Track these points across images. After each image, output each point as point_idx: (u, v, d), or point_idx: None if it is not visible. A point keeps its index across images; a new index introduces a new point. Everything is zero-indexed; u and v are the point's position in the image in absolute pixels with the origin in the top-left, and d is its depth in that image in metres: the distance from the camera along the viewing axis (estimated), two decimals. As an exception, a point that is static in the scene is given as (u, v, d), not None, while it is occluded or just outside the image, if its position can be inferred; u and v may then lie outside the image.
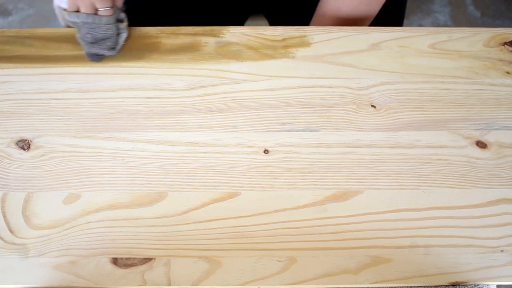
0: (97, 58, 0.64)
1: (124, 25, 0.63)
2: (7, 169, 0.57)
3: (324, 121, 0.61)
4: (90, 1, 0.60)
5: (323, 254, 0.53)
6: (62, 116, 0.60)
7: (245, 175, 0.57)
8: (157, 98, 0.62)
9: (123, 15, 0.63)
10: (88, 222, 0.54)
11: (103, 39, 0.62)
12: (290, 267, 0.53)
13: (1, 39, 0.66)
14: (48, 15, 1.52)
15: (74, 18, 0.62)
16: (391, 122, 0.61)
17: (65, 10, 0.62)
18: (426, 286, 0.52)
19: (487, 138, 0.60)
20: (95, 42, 0.62)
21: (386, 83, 0.63)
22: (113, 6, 0.62)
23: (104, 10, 0.61)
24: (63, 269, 0.52)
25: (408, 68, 0.64)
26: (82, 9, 0.61)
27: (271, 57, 0.65)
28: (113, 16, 0.62)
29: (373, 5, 0.70)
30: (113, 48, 0.63)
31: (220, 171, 0.57)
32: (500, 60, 0.65)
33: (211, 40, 0.66)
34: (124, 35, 0.64)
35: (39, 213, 0.55)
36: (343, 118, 0.61)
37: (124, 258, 0.53)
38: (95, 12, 0.61)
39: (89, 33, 0.62)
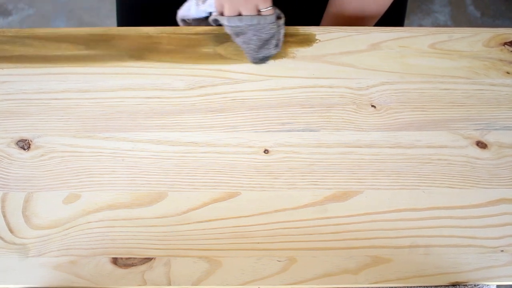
0: (264, 60, 0.63)
1: (282, 20, 0.62)
2: (7, 169, 0.57)
3: (324, 121, 0.61)
4: (253, 3, 0.59)
5: (323, 254, 0.53)
6: (62, 116, 0.60)
7: (245, 175, 0.57)
8: (157, 98, 0.62)
9: (279, 12, 0.62)
10: (88, 222, 0.54)
11: (268, 39, 0.61)
12: (290, 267, 0.53)
13: (1, 39, 0.66)
14: (48, 15, 1.52)
15: (236, 23, 0.60)
16: (391, 122, 0.61)
17: (221, 14, 0.61)
18: (426, 286, 0.52)
19: (487, 138, 0.60)
20: (262, 44, 0.61)
21: (386, 83, 0.63)
22: (273, 4, 0.60)
23: (266, 9, 0.60)
24: (63, 269, 0.52)
25: (408, 68, 0.64)
26: (245, 12, 0.60)
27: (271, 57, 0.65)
28: (275, 14, 0.61)
29: (381, 3, 0.70)
30: (277, 45, 0.63)
31: (220, 171, 0.57)
32: (500, 60, 0.65)
33: (211, 40, 0.66)
34: (283, 31, 0.63)
35: (39, 213, 0.55)
36: (343, 118, 0.61)
37: (124, 258, 0.53)
38: (258, 13, 0.60)
39: (255, 35, 0.60)
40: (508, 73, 0.64)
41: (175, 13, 0.77)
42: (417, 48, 0.66)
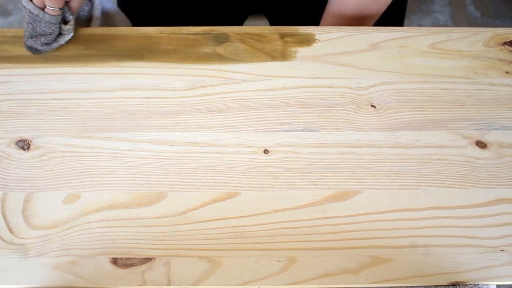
0: (32, 51, 0.64)
1: (68, 27, 0.63)
2: (7, 169, 0.57)
3: (324, 121, 0.61)
4: None
5: (323, 254, 0.53)
6: (62, 116, 0.61)
7: (245, 175, 0.57)
8: (157, 98, 0.62)
9: (70, 17, 0.63)
10: (88, 222, 0.54)
11: (41, 35, 0.63)
12: (290, 267, 0.53)
13: (1, 39, 0.66)
14: (48, 15, 1.52)
15: (24, 3, 0.61)
16: (391, 122, 0.61)
17: None
18: (426, 286, 0.52)
19: (487, 138, 0.60)
20: (34, 35, 0.62)
21: (386, 83, 0.63)
22: (62, 8, 0.62)
23: (51, 9, 0.61)
24: (63, 269, 0.52)
25: (408, 68, 0.64)
26: (35, 1, 0.61)
27: (271, 57, 0.65)
28: (57, 17, 0.62)
29: (380, 3, 0.70)
30: (47, 44, 0.64)
31: (220, 171, 0.57)
32: (500, 60, 0.65)
33: (211, 40, 0.66)
34: (67, 37, 0.64)
35: (39, 213, 0.55)
36: (343, 118, 0.61)
37: (124, 258, 0.53)
38: (43, 7, 0.61)
39: (30, 24, 0.62)
40: (507, 72, 0.64)
41: (175, 14, 0.77)
42: (417, 48, 0.66)
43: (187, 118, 0.61)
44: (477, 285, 0.52)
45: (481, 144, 0.60)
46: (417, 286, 0.52)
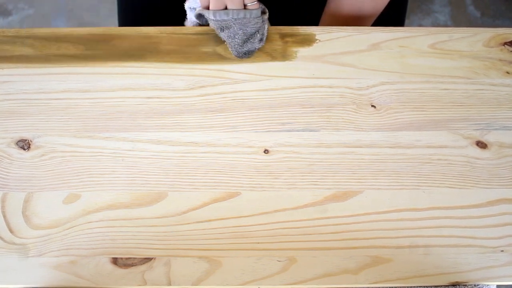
0: (248, 55, 0.64)
1: (266, 15, 0.63)
2: (7, 169, 0.57)
3: (324, 121, 0.61)
4: None
5: (323, 254, 0.53)
6: (62, 116, 0.61)
7: (245, 175, 0.57)
8: (157, 98, 0.62)
9: (263, 7, 0.62)
10: (88, 222, 0.54)
11: (253, 33, 0.62)
12: (290, 267, 0.53)
13: (1, 39, 0.66)
14: (48, 15, 1.52)
15: (223, 16, 0.60)
16: (391, 122, 0.61)
17: (206, 9, 0.61)
18: (426, 286, 0.52)
19: (487, 138, 0.60)
20: (247, 38, 0.61)
21: (386, 83, 0.63)
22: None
23: (252, 4, 0.60)
24: (63, 269, 0.52)
25: (408, 68, 0.64)
26: (231, 6, 0.60)
27: (271, 57, 0.65)
28: (260, 9, 0.61)
29: (378, 2, 0.71)
30: (261, 40, 0.63)
31: (220, 171, 0.57)
32: (500, 60, 0.65)
33: (211, 40, 0.66)
34: (267, 26, 0.63)
35: (39, 213, 0.55)
36: (343, 118, 0.61)
37: (124, 258, 0.53)
38: (244, 7, 0.60)
39: (240, 29, 0.61)
40: (508, 73, 0.64)
41: (175, 14, 0.77)
42: (417, 48, 0.66)
43: (187, 118, 0.61)
44: (477, 285, 0.52)
45: (481, 144, 0.60)
46: (417, 286, 0.52)
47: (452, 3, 1.55)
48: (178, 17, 0.81)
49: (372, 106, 0.62)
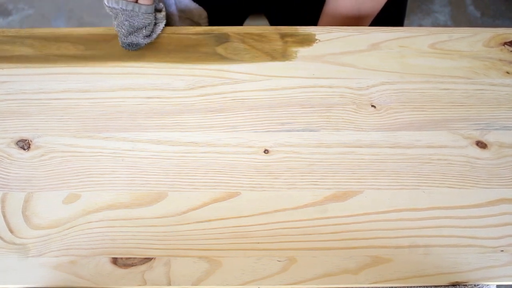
0: (133, 47, 0.64)
1: (161, 14, 0.63)
2: (7, 169, 0.57)
3: (324, 121, 0.61)
4: None
5: (323, 254, 0.53)
6: (62, 116, 0.61)
7: (245, 175, 0.57)
8: (157, 98, 0.62)
9: (161, 5, 0.63)
10: (88, 222, 0.54)
11: (140, 28, 0.62)
12: (290, 267, 0.53)
13: (1, 39, 0.66)
14: (48, 15, 1.52)
15: (113, 4, 0.61)
16: (391, 122, 0.61)
17: None
18: (426, 286, 0.52)
19: (487, 138, 0.60)
20: (133, 30, 0.62)
21: (386, 83, 0.63)
22: None
23: None
24: (63, 269, 0.52)
25: (408, 68, 0.64)
26: None
27: (271, 57, 0.65)
28: (152, 6, 0.62)
29: (377, 2, 0.71)
30: (148, 36, 0.64)
31: (220, 171, 0.57)
32: (500, 60, 0.65)
33: (211, 40, 0.66)
34: (161, 25, 0.64)
35: (39, 213, 0.55)
36: (343, 118, 0.61)
37: (124, 258, 0.53)
38: (136, 0, 0.61)
39: (126, 21, 0.62)
40: (508, 73, 0.64)
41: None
42: (417, 48, 0.66)
43: (187, 118, 0.61)
44: (477, 285, 0.52)
45: (481, 144, 0.60)
46: (417, 286, 0.52)
47: (452, 3, 1.55)
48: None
49: (372, 106, 0.62)
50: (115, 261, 0.53)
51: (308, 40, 0.66)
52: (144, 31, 0.63)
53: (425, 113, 0.61)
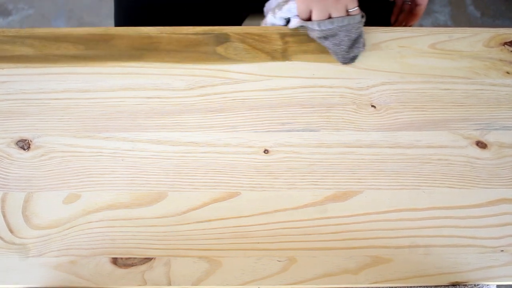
0: (354, 60, 0.64)
1: (364, 18, 0.63)
2: (7, 169, 0.57)
3: (324, 121, 0.61)
4: (343, 3, 0.60)
5: (323, 254, 0.53)
6: (62, 116, 0.61)
7: (245, 175, 0.57)
8: (157, 98, 0.62)
9: (359, 10, 0.63)
10: (88, 222, 0.54)
11: (357, 38, 0.63)
12: (290, 267, 0.53)
13: (1, 39, 0.66)
14: (48, 15, 1.52)
15: (327, 26, 0.61)
16: (391, 122, 0.61)
17: (308, 21, 0.62)
18: (426, 286, 0.52)
19: (487, 138, 0.60)
20: (352, 43, 0.62)
21: (386, 83, 0.63)
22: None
23: (354, 9, 0.61)
24: (63, 269, 0.52)
25: (408, 68, 0.64)
26: (335, 13, 0.61)
27: (271, 57, 0.65)
28: (360, 13, 0.62)
29: None
30: (364, 44, 0.64)
31: (220, 171, 0.57)
32: (500, 60, 0.65)
33: (211, 40, 0.66)
34: (363, 27, 0.64)
35: (39, 213, 0.55)
36: (343, 118, 0.61)
37: (124, 258, 0.53)
38: (347, 13, 0.61)
39: (346, 36, 0.62)
40: (508, 73, 0.64)
41: (175, 13, 0.77)
42: (417, 48, 0.66)
43: (187, 118, 0.61)
44: (477, 285, 0.52)
45: (481, 144, 0.60)
46: (417, 286, 0.52)
47: (452, 3, 1.55)
48: (178, 17, 0.81)
49: (372, 106, 0.62)
50: (115, 261, 0.53)
51: (308, 40, 0.66)
52: (361, 39, 0.63)
53: (425, 113, 0.61)
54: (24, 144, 0.59)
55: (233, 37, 0.66)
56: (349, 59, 0.64)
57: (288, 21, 0.66)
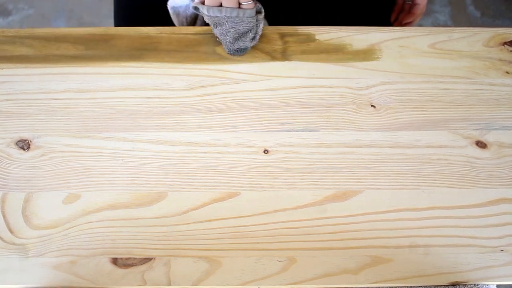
0: (240, 52, 0.64)
1: (261, 15, 0.63)
2: (7, 169, 0.57)
3: (324, 121, 0.61)
4: None
5: (323, 254, 0.53)
6: (62, 116, 0.61)
7: (245, 175, 0.57)
8: (157, 98, 0.62)
9: (260, 6, 0.63)
10: (88, 222, 0.55)
11: (245, 32, 0.62)
12: (290, 267, 0.53)
13: (1, 39, 0.66)
14: (48, 15, 1.52)
15: (216, 13, 0.61)
16: (391, 122, 0.61)
17: (201, 4, 0.61)
18: (426, 286, 0.52)
19: (487, 138, 0.60)
20: (239, 36, 0.62)
21: (386, 83, 0.63)
22: None
23: (247, 3, 0.61)
24: (63, 269, 0.52)
25: (408, 68, 0.64)
26: (226, 3, 0.60)
27: (271, 57, 0.65)
28: (254, 9, 0.61)
29: None
30: (253, 39, 0.64)
31: (220, 171, 0.57)
32: (500, 60, 0.65)
33: (211, 40, 0.66)
34: (261, 25, 0.64)
35: (39, 213, 0.55)
36: (343, 118, 0.61)
37: (124, 258, 0.53)
38: (238, 6, 0.61)
39: (232, 27, 0.62)
40: (507, 73, 0.64)
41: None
42: (417, 48, 0.66)
43: (187, 118, 0.61)
44: (477, 285, 0.52)
45: (481, 144, 0.60)
46: (417, 286, 0.52)
47: (452, 3, 1.56)
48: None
49: (372, 106, 0.62)
50: (115, 261, 0.53)
51: (308, 40, 0.66)
52: (250, 34, 0.63)
53: (425, 113, 0.61)
54: (24, 144, 0.59)
55: (233, 37, 0.66)
56: (233, 51, 0.64)
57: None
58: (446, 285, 0.52)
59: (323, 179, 0.57)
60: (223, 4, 0.61)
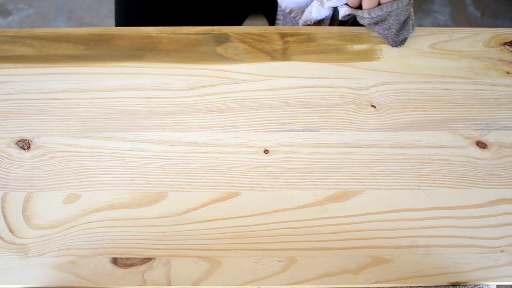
0: (403, 43, 0.66)
1: (411, 2, 0.64)
2: (7, 169, 0.57)
3: (324, 121, 0.61)
4: None
5: (323, 254, 0.53)
6: (62, 116, 0.61)
7: (245, 175, 0.57)
8: (157, 98, 0.62)
9: None
10: (88, 222, 0.54)
11: (406, 20, 0.64)
12: (290, 267, 0.53)
13: (1, 39, 0.66)
14: (48, 15, 1.52)
15: (378, 12, 0.62)
16: (391, 122, 0.61)
17: (358, 9, 0.63)
18: (426, 286, 0.52)
19: (487, 138, 0.60)
20: (401, 26, 0.63)
21: (386, 83, 0.63)
22: None
23: None
24: (63, 269, 0.52)
25: (408, 68, 0.64)
26: (384, 0, 0.62)
27: (271, 57, 0.65)
28: None
29: None
30: (413, 25, 0.65)
31: (220, 171, 0.57)
32: (500, 60, 0.65)
33: (211, 40, 0.66)
34: (412, 10, 0.65)
35: (39, 213, 0.55)
36: (343, 118, 0.61)
37: (124, 258, 0.53)
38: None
39: (396, 20, 0.63)
40: (508, 73, 0.64)
41: (175, 13, 0.77)
42: (417, 48, 0.66)
43: (187, 118, 0.61)
44: (477, 285, 0.52)
45: (481, 144, 0.60)
46: (417, 286, 0.52)
47: (452, 3, 1.55)
48: (178, 17, 0.81)
49: (372, 106, 0.62)
50: (115, 261, 0.53)
51: (308, 40, 0.66)
52: (410, 21, 0.64)
53: (425, 113, 0.61)
54: (24, 144, 0.59)
55: (233, 37, 0.66)
56: (399, 42, 0.65)
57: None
58: (446, 285, 0.52)
59: (324, 179, 0.57)
60: (381, 1, 0.62)
